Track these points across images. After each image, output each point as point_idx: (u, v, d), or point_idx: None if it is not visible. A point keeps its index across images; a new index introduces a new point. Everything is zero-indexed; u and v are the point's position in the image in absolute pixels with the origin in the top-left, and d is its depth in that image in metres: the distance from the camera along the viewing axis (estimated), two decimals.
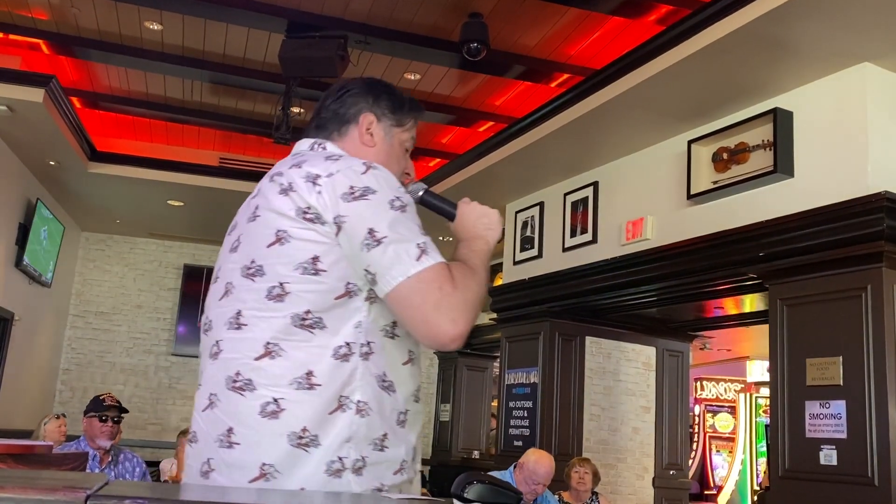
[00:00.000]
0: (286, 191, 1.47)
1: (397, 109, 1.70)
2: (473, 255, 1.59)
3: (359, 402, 1.43)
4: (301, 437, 1.39)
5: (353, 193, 1.43)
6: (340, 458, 1.41)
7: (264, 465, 1.39)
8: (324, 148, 1.64)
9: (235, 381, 1.44)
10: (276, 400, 1.40)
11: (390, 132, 1.69)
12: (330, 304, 1.43)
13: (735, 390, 12.46)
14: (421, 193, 1.70)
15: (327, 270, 1.43)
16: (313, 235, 1.43)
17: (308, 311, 1.42)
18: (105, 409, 4.06)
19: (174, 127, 8.17)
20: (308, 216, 1.43)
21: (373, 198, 1.44)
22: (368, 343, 1.46)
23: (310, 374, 1.41)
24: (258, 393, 1.42)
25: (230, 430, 1.43)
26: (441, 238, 1.78)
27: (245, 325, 1.46)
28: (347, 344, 1.44)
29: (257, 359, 1.43)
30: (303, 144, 1.67)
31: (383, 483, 1.44)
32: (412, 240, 1.43)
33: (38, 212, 7.82)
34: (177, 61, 6.52)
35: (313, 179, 1.45)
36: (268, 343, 1.42)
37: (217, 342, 1.51)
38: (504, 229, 1.82)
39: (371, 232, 1.41)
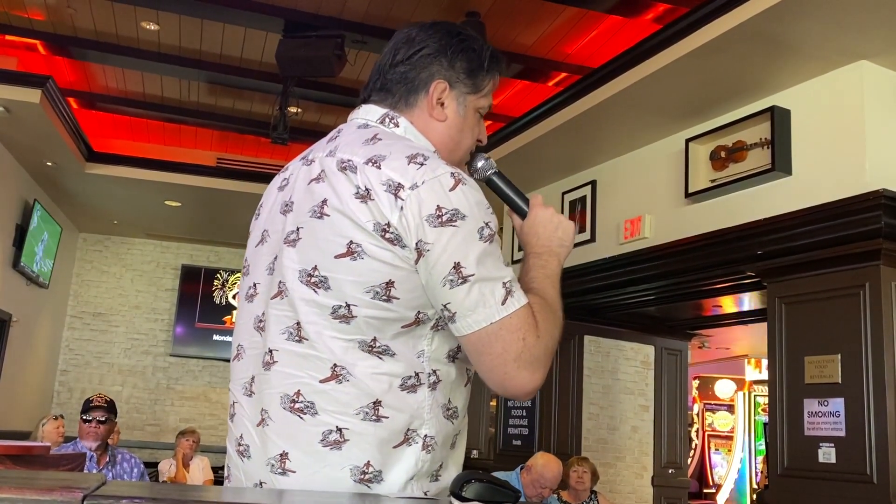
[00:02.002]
0: (364, 197, 1.27)
1: (475, 71, 1.47)
2: (548, 281, 1.42)
3: (426, 436, 1.32)
4: (364, 473, 1.28)
5: (440, 217, 1.25)
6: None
7: None
8: (396, 125, 1.43)
9: (295, 403, 1.30)
10: (339, 429, 1.28)
11: (464, 101, 1.47)
12: (396, 331, 1.30)
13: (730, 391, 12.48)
14: (490, 173, 1.53)
15: (400, 298, 1.28)
16: (390, 258, 1.26)
17: (375, 339, 1.29)
18: (90, 410, 4.05)
19: (171, 127, 8.16)
20: (388, 236, 1.26)
21: (462, 225, 1.26)
22: (434, 372, 1.34)
23: (377, 403, 1.28)
24: (320, 419, 1.29)
25: (285, 455, 1.30)
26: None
27: (307, 339, 1.31)
28: (416, 374, 1.32)
29: (323, 381, 1.29)
30: (372, 113, 1.46)
31: None
32: (498, 278, 1.28)
33: (35, 213, 7.81)
34: (174, 61, 6.51)
35: (395, 191, 1.26)
36: (335, 365, 1.29)
37: (271, 351, 1.35)
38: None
39: (457, 267, 1.25)
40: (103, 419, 4.06)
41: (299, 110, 7.25)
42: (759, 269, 4.88)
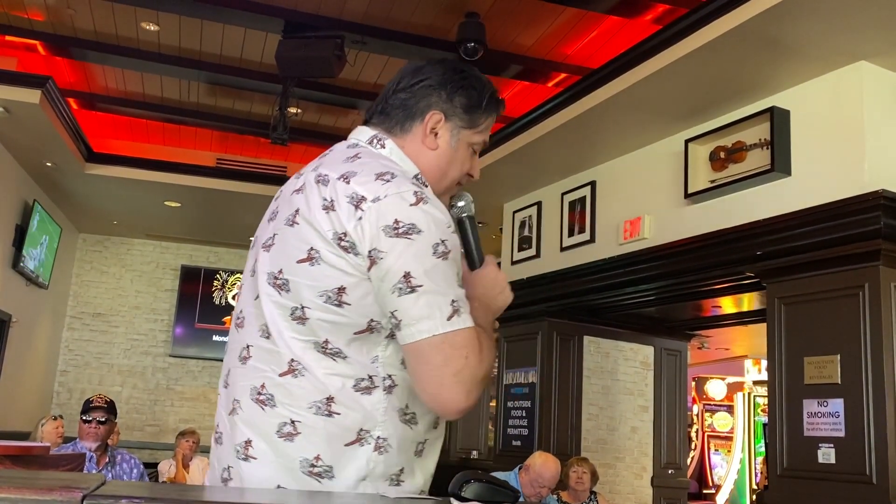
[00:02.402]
0: (328, 208, 1.35)
1: (472, 108, 1.53)
2: (488, 324, 1.47)
3: (379, 438, 1.37)
4: (314, 466, 1.34)
5: (396, 228, 1.31)
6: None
7: (280, 486, 1.35)
8: (382, 146, 1.50)
9: (260, 394, 1.39)
10: (293, 422, 1.35)
11: (458, 134, 1.53)
12: (349, 337, 1.36)
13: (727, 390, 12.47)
14: (463, 214, 1.57)
15: (351, 304, 1.34)
16: (344, 265, 1.33)
17: (327, 341, 1.36)
18: (90, 411, 4.04)
19: (171, 128, 8.17)
20: (343, 244, 1.33)
21: (417, 238, 1.31)
22: (390, 376, 1.39)
23: (330, 399, 1.35)
24: (277, 411, 1.36)
25: (248, 442, 1.39)
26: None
27: (272, 336, 1.39)
28: (370, 377, 1.37)
29: (281, 375, 1.37)
30: (362, 134, 1.54)
31: None
32: (447, 294, 1.32)
33: (34, 213, 7.81)
34: (173, 62, 6.52)
35: (357, 202, 1.33)
36: (292, 360, 1.36)
37: (248, 346, 1.44)
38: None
39: (407, 276, 1.30)
40: (103, 420, 4.05)
41: (299, 111, 7.25)
42: (759, 269, 4.88)
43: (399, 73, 1.57)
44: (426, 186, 1.45)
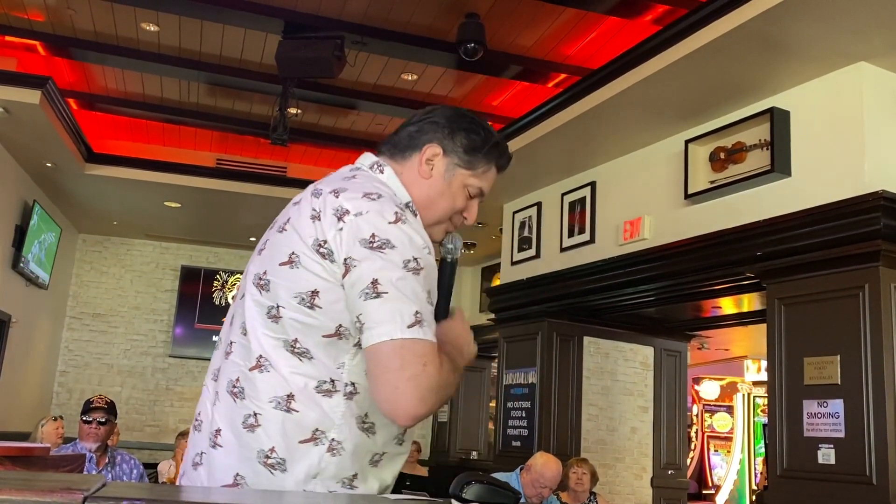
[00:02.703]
0: (315, 217, 1.45)
1: (472, 150, 1.62)
2: (456, 361, 1.52)
3: (333, 440, 1.43)
4: (268, 457, 1.41)
5: (372, 242, 1.40)
6: (305, 492, 1.41)
7: (237, 475, 1.44)
8: (381, 171, 1.60)
9: (234, 387, 1.48)
10: (255, 414, 1.43)
11: (453, 170, 1.61)
12: (317, 339, 1.43)
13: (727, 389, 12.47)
14: (449, 259, 1.63)
15: (322, 308, 1.42)
16: (319, 270, 1.42)
17: (296, 341, 1.43)
18: (90, 411, 4.04)
19: (171, 128, 8.16)
20: (321, 250, 1.42)
21: (390, 252, 1.40)
22: (353, 384, 1.45)
23: (290, 397, 1.42)
24: (244, 403, 1.45)
25: (218, 431, 1.48)
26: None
27: (248, 332, 1.49)
28: (332, 381, 1.44)
29: (250, 369, 1.46)
30: (366, 159, 1.65)
31: None
32: (412, 305, 1.38)
33: (34, 214, 7.81)
34: (173, 62, 6.51)
35: (341, 215, 1.43)
36: (260, 356, 1.45)
37: (231, 342, 1.54)
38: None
39: (374, 283, 1.38)
40: (103, 420, 4.05)
41: (299, 111, 7.25)
42: (759, 270, 4.88)
43: (416, 115, 1.68)
44: (415, 216, 1.53)
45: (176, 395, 10.02)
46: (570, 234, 6.60)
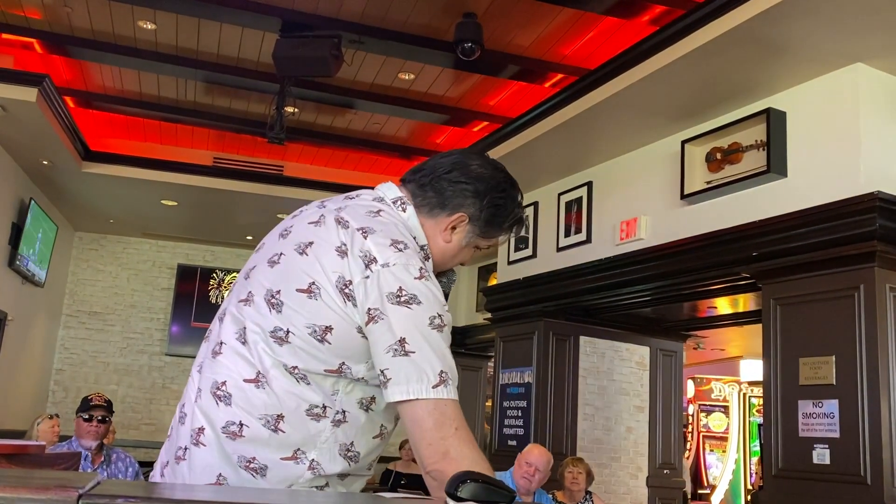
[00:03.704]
0: (341, 252, 1.46)
1: (495, 225, 1.65)
2: None
3: (313, 461, 1.47)
4: (250, 463, 1.45)
5: (399, 297, 1.42)
6: (306, 490, 1.46)
7: (220, 475, 1.47)
8: (404, 210, 1.60)
9: (219, 390, 1.49)
10: (241, 424, 1.46)
11: (471, 237, 1.65)
12: (318, 371, 1.47)
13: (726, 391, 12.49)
14: (444, 291, 1.67)
15: (332, 344, 1.45)
16: (338, 308, 1.44)
17: (296, 367, 1.46)
18: (90, 409, 4.04)
19: (168, 126, 8.16)
20: (346, 291, 1.44)
21: (416, 309, 1.42)
22: (344, 412, 1.49)
23: (280, 417, 1.46)
24: (231, 410, 1.47)
25: (201, 429, 1.50)
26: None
27: (247, 344, 1.50)
28: (324, 406, 1.48)
29: (245, 381, 1.48)
30: (390, 192, 1.64)
31: None
32: (437, 365, 1.41)
33: (31, 211, 7.80)
34: (171, 61, 6.51)
35: (368, 262, 1.44)
36: (259, 373, 1.47)
37: (221, 343, 1.54)
38: None
39: (402, 341, 1.40)
40: (104, 418, 4.07)
41: (296, 110, 7.25)
42: (754, 270, 4.89)
43: (454, 159, 1.65)
44: (428, 260, 1.59)
45: (172, 393, 10.00)
46: (567, 234, 6.61)
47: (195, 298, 10.14)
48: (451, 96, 6.90)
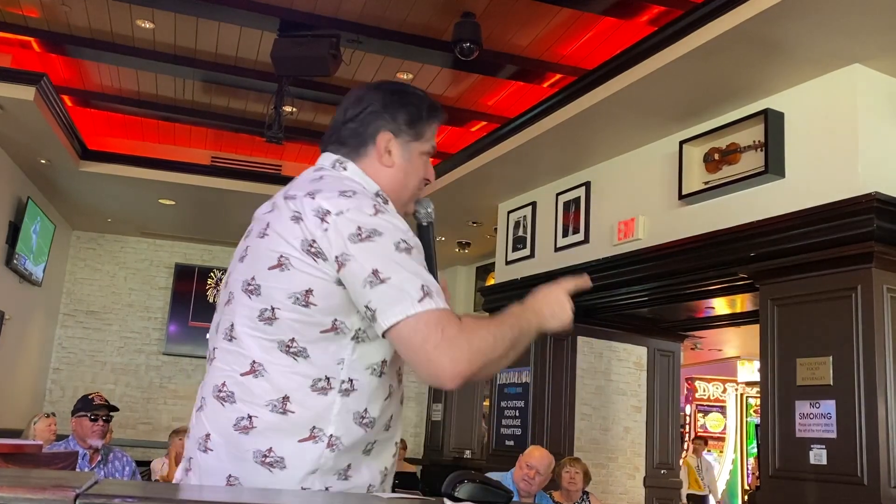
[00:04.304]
0: (297, 219, 1.49)
1: (416, 122, 1.69)
2: (515, 319, 1.57)
3: (331, 436, 1.47)
4: (266, 457, 1.44)
5: (359, 235, 1.45)
6: (302, 489, 1.45)
7: (230, 476, 1.46)
8: (344, 168, 1.65)
9: (220, 391, 1.50)
10: (250, 417, 1.46)
11: (408, 147, 1.68)
12: (315, 336, 1.47)
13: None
14: (425, 223, 1.72)
15: (318, 304, 1.46)
16: (312, 269, 1.46)
17: (293, 340, 1.47)
18: (95, 409, 4.05)
19: (166, 126, 8.15)
20: (312, 250, 1.46)
21: (379, 240, 1.45)
22: (351, 380, 1.49)
23: (286, 399, 1.45)
24: (236, 406, 1.48)
25: (208, 436, 1.50)
26: (441, 238, 1.77)
27: (236, 338, 1.51)
28: (327, 378, 1.47)
29: (243, 374, 1.49)
30: (326, 159, 1.69)
31: None
32: (415, 280, 1.43)
33: (28, 210, 7.79)
34: (169, 60, 6.50)
35: (323, 216, 1.47)
36: (254, 362, 1.48)
37: (214, 349, 1.57)
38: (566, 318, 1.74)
39: (375, 272, 1.42)
40: (108, 418, 4.09)
41: (294, 109, 7.24)
42: (752, 270, 4.89)
43: (343, 104, 1.72)
44: (386, 203, 1.59)
45: (169, 392, 10.00)
46: (565, 234, 6.61)
47: (193, 298, 10.13)
48: (449, 96, 6.90)
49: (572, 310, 1.68)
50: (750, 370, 12.19)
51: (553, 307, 1.67)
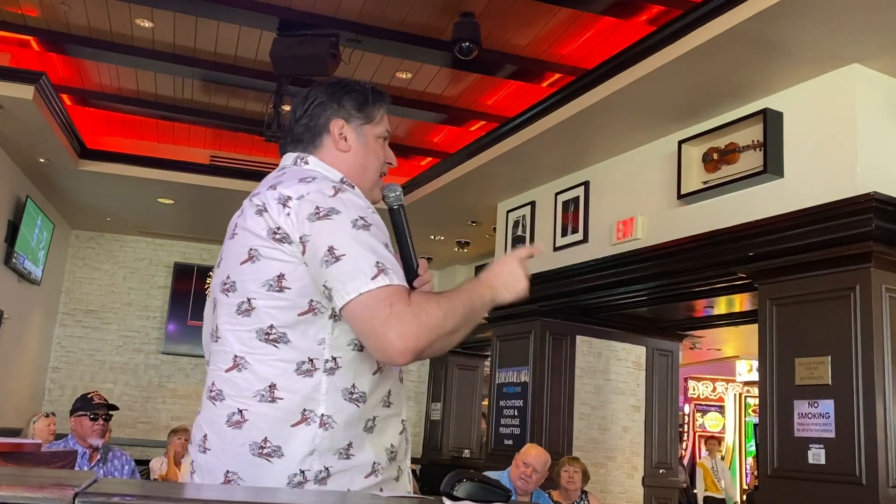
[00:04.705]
0: (261, 211, 1.54)
1: (363, 106, 1.73)
2: (466, 294, 1.55)
3: (323, 415, 1.48)
4: (263, 448, 1.46)
5: (317, 214, 1.48)
6: (302, 471, 1.46)
7: (228, 472, 1.48)
8: (306, 163, 1.69)
9: (211, 391, 1.55)
10: (240, 411, 1.48)
11: (361, 131, 1.72)
12: (294, 320, 1.49)
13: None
14: (396, 206, 1.72)
15: (291, 288, 1.49)
16: (280, 255, 1.49)
17: (272, 327, 1.49)
18: (94, 408, 4.05)
19: (165, 125, 8.14)
20: (277, 236, 1.50)
21: (336, 217, 1.48)
22: (334, 358, 1.50)
23: (272, 387, 1.48)
24: (226, 403, 1.51)
25: (205, 437, 1.54)
26: (433, 237, 1.78)
27: (220, 337, 1.56)
28: (311, 360, 1.49)
29: (227, 371, 1.52)
30: (287, 159, 1.74)
31: (352, 488, 1.49)
32: (371, 257, 1.45)
33: (27, 209, 7.78)
34: (168, 59, 6.50)
35: (284, 201, 1.51)
36: (236, 356, 1.51)
37: (210, 353, 1.63)
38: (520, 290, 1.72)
39: (331, 249, 1.45)
40: (108, 417, 4.10)
41: None
42: (751, 270, 4.89)
43: (293, 105, 1.78)
44: (353, 188, 1.61)
45: (168, 391, 10.00)
46: (564, 234, 6.61)
47: (191, 297, 10.12)
48: (448, 95, 6.90)
49: (527, 277, 1.66)
50: (748, 370, 12.20)
51: (505, 278, 1.64)
